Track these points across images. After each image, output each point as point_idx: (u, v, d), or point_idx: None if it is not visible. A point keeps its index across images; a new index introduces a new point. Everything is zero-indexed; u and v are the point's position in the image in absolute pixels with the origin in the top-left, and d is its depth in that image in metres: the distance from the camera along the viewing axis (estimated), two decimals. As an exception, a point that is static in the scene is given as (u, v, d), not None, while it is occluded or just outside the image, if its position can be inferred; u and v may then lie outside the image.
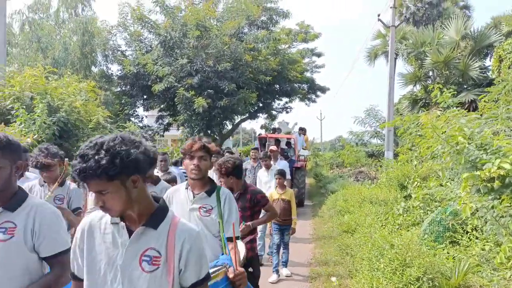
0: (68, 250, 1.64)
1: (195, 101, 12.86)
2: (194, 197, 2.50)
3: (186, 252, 1.41)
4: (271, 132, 14.53)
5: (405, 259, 3.81)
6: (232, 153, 7.33)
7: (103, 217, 1.49)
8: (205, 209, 2.46)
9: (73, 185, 3.34)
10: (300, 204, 10.48)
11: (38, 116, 8.15)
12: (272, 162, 6.65)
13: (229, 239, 2.29)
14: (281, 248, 5.19)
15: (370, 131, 16.15)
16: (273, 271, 5.11)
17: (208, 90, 13.49)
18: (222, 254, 2.31)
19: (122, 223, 1.44)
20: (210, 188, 2.52)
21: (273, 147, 6.99)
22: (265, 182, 6.13)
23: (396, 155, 11.89)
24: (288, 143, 12.46)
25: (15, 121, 8.06)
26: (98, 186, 1.31)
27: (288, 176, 6.97)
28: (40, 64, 11.15)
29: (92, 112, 10.41)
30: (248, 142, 29.64)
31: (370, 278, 3.86)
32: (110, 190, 1.32)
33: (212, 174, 5.71)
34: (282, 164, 6.81)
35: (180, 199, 2.55)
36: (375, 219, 6.08)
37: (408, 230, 5.56)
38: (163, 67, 13.50)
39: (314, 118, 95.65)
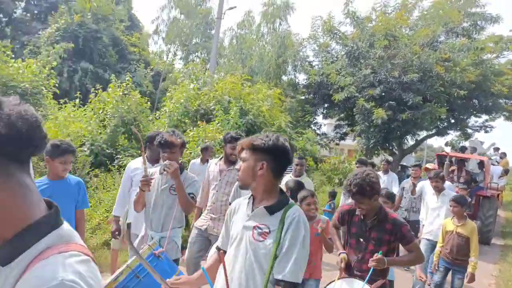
0: None
1: (374, 112, 12.54)
2: (252, 210, 1.82)
3: None
4: (459, 151, 12.82)
5: None
6: (388, 163, 6.90)
7: None
8: (260, 231, 1.74)
9: (190, 175, 3.27)
10: (484, 241, 9.01)
11: (232, 117, 9.55)
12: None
13: (280, 284, 1.67)
14: None
15: None
16: None
17: (390, 102, 12.92)
18: None
19: None
20: (275, 202, 1.79)
21: (430, 165, 6.21)
22: (433, 208, 5.14)
23: None
24: (480, 165, 10.62)
25: (214, 120, 9.65)
26: None
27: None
28: (239, 73, 12.99)
29: (276, 117, 11.48)
30: (433, 160, 26.84)
31: None
32: None
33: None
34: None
35: (240, 212, 1.90)
36: None
37: None
38: (345, 77, 13.67)
39: (525, 141, 78.86)
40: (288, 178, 4.71)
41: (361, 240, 2.63)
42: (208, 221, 3.72)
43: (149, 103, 10.44)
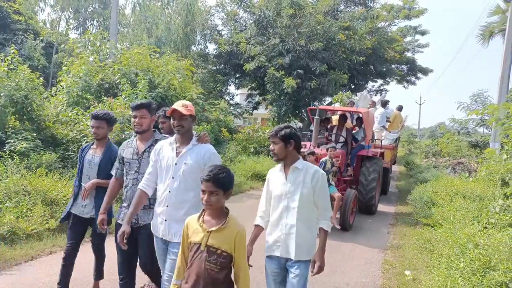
0: None
1: (284, 81, 12.92)
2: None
3: None
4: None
5: (489, 261, 3.43)
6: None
7: None
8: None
9: None
10: (367, 210, 7.67)
11: (140, 91, 9.01)
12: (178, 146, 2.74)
13: None
14: None
15: (475, 119, 14.49)
16: None
17: (298, 70, 13.42)
18: None
19: None
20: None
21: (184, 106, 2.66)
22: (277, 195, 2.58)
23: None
24: (359, 120, 8.60)
25: (121, 95, 9.03)
26: None
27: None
28: (145, 43, 12.23)
29: (187, 89, 11.15)
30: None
31: (446, 277, 3.57)
32: None
33: None
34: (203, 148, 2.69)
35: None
36: (465, 215, 5.54)
37: (503, 231, 4.96)
38: (255, 47, 13.77)
39: (412, 102, 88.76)
40: None
41: None
42: None
43: (42, 78, 9.32)
